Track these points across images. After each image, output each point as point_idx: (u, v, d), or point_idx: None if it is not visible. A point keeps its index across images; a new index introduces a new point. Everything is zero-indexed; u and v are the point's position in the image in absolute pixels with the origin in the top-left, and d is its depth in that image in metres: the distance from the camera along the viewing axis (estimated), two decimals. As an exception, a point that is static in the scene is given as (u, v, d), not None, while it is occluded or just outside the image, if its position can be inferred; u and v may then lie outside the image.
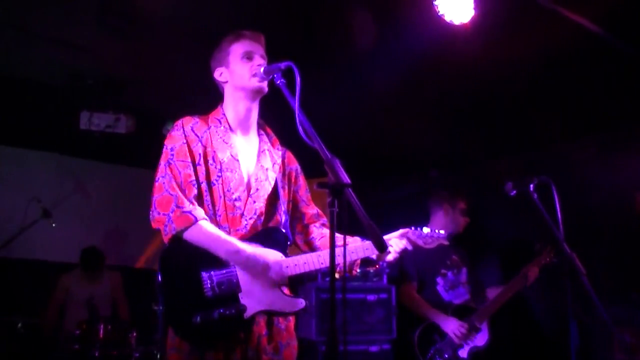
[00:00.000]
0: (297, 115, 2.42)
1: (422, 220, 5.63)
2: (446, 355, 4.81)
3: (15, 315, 5.66)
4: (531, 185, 3.88)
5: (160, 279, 2.62)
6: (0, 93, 6.10)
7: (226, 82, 2.91)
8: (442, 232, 3.05)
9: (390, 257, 2.90)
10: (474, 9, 4.33)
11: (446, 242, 3.10)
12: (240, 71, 2.83)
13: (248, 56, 2.85)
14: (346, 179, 2.25)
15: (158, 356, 5.48)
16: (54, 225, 6.16)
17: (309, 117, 2.42)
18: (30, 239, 6.18)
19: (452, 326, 4.84)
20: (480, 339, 4.91)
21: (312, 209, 3.06)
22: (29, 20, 4.93)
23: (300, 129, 2.40)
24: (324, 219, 3.08)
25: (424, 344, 4.88)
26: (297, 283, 2.85)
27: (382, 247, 2.37)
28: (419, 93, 5.98)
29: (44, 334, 6.10)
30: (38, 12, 4.78)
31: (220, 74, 2.92)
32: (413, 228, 2.98)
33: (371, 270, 6.03)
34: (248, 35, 2.91)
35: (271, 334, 2.70)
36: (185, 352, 2.58)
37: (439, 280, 5.12)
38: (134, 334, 5.45)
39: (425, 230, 3.00)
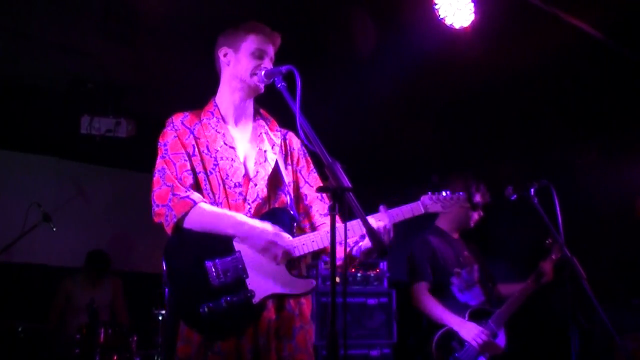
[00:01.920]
0: (297, 119, 2.42)
1: (422, 224, 5.61)
2: None
3: (15, 320, 5.65)
4: (532, 190, 3.87)
5: (165, 271, 2.61)
6: (1, 97, 6.11)
7: (228, 65, 2.89)
8: (461, 193, 2.88)
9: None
10: (474, 13, 4.34)
11: (467, 204, 2.94)
12: (246, 65, 2.82)
13: (259, 55, 2.83)
14: (347, 182, 2.25)
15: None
16: (54, 229, 6.16)
17: (309, 120, 2.42)
18: (31, 243, 6.18)
19: (472, 332, 4.38)
20: (499, 345, 4.49)
21: (314, 192, 2.95)
22: (31, 26, 4.94)
23: (300, 132, 2.40)
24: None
25: (442, 354, 4.43)
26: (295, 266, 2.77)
27: (383, 251, 2.36)
28: (420, 97, 5.99)
29: (50, 338, 6.09)
30: (39, 17, 4.79)
31: (225, 54, 2.90)
32: (430, 193, 2.86)
33: (372, 274, 6.03)
34: (267, 32, 2.90)
35: (282, 318, 2.65)
36: (195, 343, 2.56)
37: (454, 280, 4.68)
38: (135, 338, 5.45)
39: (444, 193, 2.86)
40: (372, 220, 2.57)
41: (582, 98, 5.62)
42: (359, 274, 5.95)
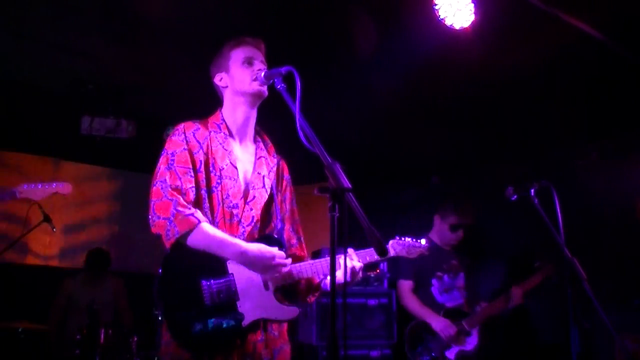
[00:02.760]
0: (297, 120, 2.42)
1: (422, 226, 5.63)
2: (433, 354, 4.98)
3: (16, 320, 5.66)
4: (532, 191, 3.87)
5: (159, 286, 2.61)
6: (2, 98, 6.11)
7: (226, 87, 2.92)
8: (422, 241, 3.07)
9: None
10: (475, 13, 4.33)
11: (427, 253, 3.10)
12: (241, 76, 2.85)
13: (249, 62, 2.86)
14: (347, 183, 2.24)
15: (159, 361, 5.49)
16: (54, 230, 6.16)
17: (309, 121, 2.41)
18: (31, 244, 6.18)
19: (441, 325, 4.99)
20: (469, 343, 5.03)
21: (291, 224, 3.05)
22: (31, 26, 4.94)
23: (300, 133, 2.39)
24: (300, 235, 3.07)
25: (413, 340, 5.08)
26: (292, 294, 2.87)
27: (383, 252, 2.37)
28: (420, 98, 5.99)
29: (50, 338, 6.09)
30: (40, 18, 4.79)
31: (220, 79, 2.94)
32: (397, 237, 3.03)
33: (372, 275, 6.03)
34: (249, 41, 2.93)
35: (265, 340, 2.70)
36: None
37: (434, 282, 5.23)
38: (135, 339, 5.45)
39: (408, 239, 3.06)
40: (355, 262, 2.77)
41: (582, 99, 5.61)
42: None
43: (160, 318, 5.57)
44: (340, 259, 2.50)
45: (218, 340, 2.57)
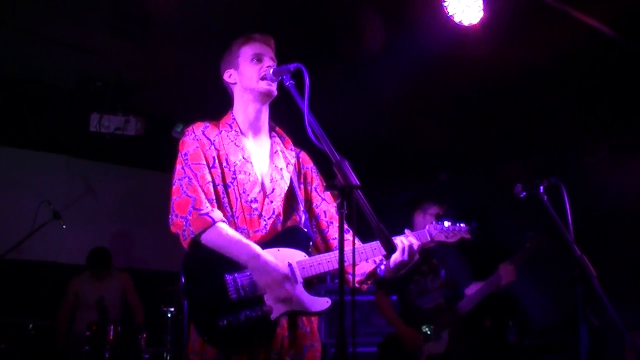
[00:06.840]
0: (306, 117, 2.41)
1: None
2: None
3: (25, 317, 5.68)
4: (541, 187, 3.84)
5: (183, 283, 2.58)
6: (11, 95, 6.14)
7: (235, 83, 2.91)
8: (462, 225, 3.01)
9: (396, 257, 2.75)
10: (484, 10, 4.32)
11: (468, 236, 3.03)
12: (250, 73, 2.83)
13: (257, 58, 2.85)
14: (355, 180, 2.23)
15: (168, 358, 5.51)
16: (64, 227, 6.18)
17: (318, 118, 2.41)
18: (41, 241, 6.20)
19: (408, 336, 4.89)
20: (439, 347, 4.90)
21: (333, 207, 2.98)
22: (41, 24, 4.96)
23: (309, 130, 2.38)
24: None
25: (385, 352, 5.07)
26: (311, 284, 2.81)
27: (391, 249, 2.35)
28: (428, 95, 5.98)
29: (58, 337, 6.12)
30: (49, 16, 4.81)
31: (229, 76, 2.93)
32: (434, 222, 2.95)
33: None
34: (258, 38, 2.91)
35: (294, 336, 2.65)
36: (210, 357, 2.53)
37: (412, 286, 5.13)
38: (144, 336, 5.47)
39: (446, 223, 2.96)
40: (412, 239, 2.71)
41: (592, 95, 5.59)
42: (369, 284, 6.00)
43: (170, 316, 5.61)
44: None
45: (245, 335, 2.52)
